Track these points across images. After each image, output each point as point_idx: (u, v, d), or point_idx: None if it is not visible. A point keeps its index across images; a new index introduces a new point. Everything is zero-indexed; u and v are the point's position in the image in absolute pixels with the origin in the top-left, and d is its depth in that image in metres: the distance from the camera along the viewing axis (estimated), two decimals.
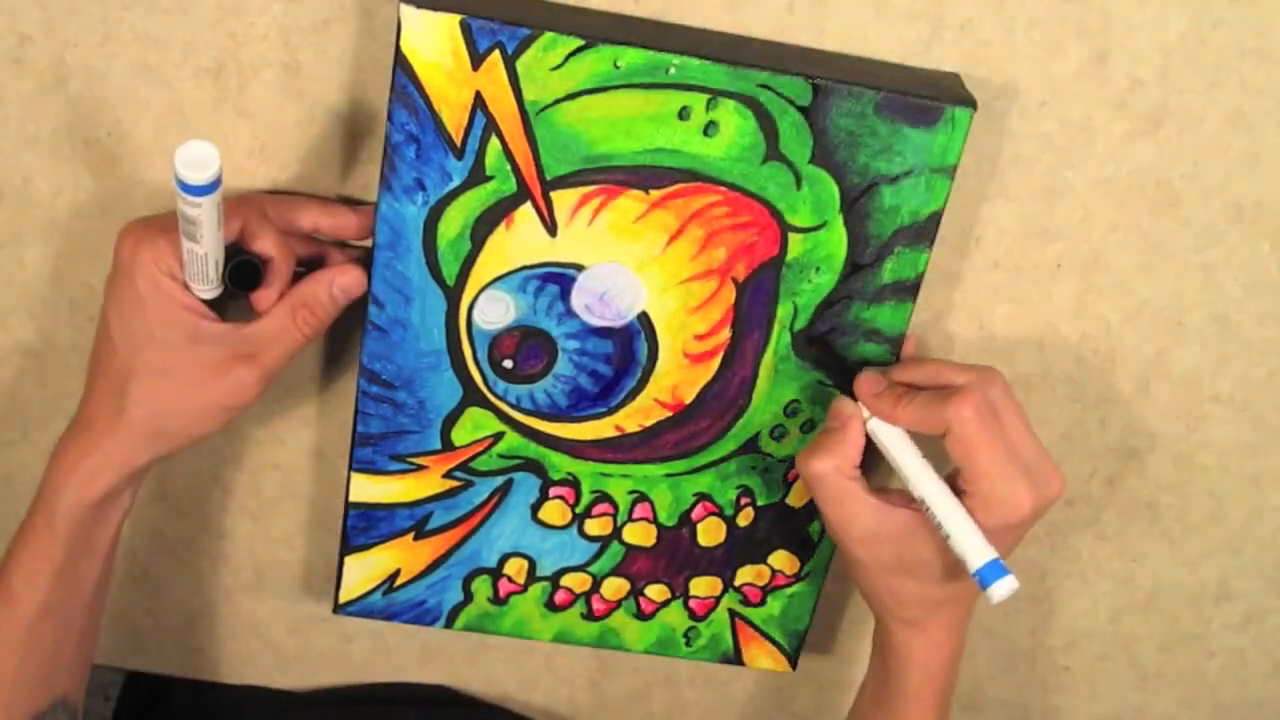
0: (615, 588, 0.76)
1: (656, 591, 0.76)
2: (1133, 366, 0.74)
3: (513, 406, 0.70)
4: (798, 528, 0.74)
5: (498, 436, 0.70)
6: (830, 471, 0.64)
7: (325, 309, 0.65)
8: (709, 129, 0.62)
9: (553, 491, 0.72)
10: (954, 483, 0.63)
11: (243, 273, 0.63)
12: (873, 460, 0.65)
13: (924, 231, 0.65)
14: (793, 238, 0.65)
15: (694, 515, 0.73)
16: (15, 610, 0.65)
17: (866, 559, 0.66)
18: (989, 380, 0.63)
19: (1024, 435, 0.62)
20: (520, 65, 0.60)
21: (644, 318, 0.67)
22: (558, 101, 0.61)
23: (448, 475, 0.72)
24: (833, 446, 0.65)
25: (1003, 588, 0.60)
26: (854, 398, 0.66)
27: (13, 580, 0.65)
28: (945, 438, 0.61)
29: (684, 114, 0.62)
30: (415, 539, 0.73)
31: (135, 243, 0.61)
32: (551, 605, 0.76)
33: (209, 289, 0.62)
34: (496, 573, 0.75)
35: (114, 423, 0.64)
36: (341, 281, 0.65)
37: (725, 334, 0.68)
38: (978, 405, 0.61)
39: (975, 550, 0.61)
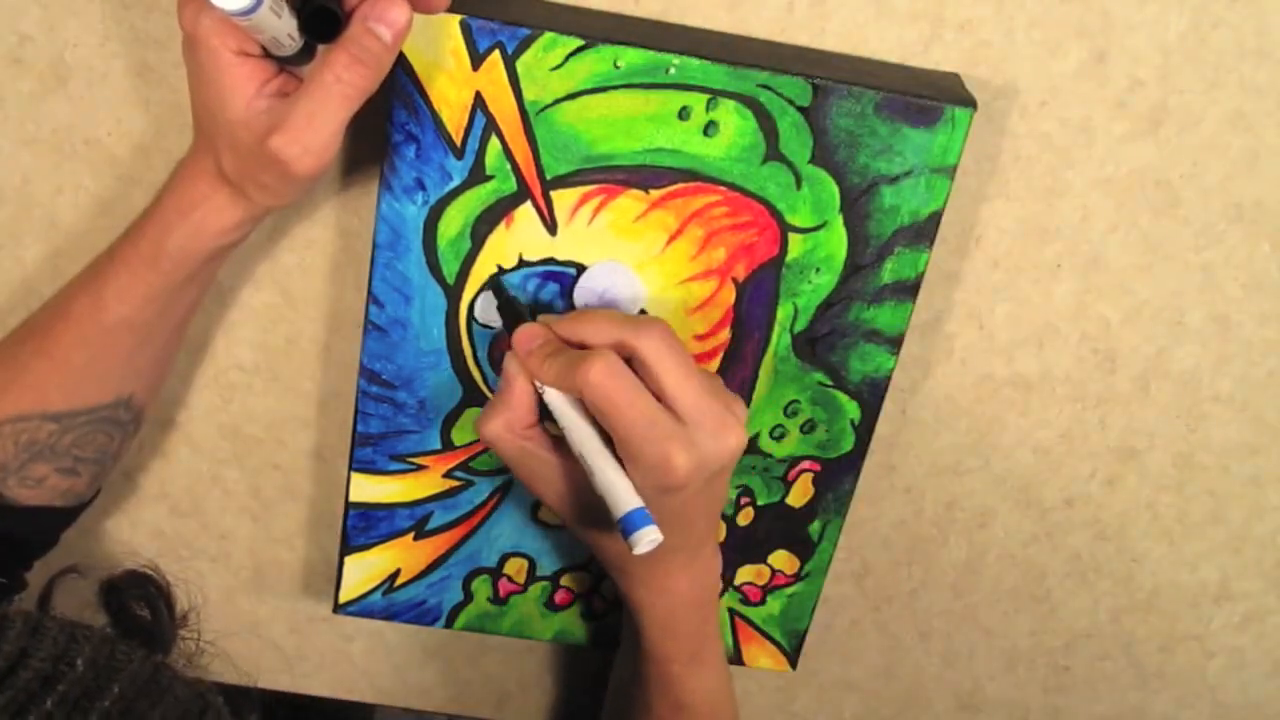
0: None
1: None
2: (1133, 366, 0.74)
3: None
4: (797, 527, 0.74)
5: None
6: (502, 432, 0.62)
7: (372, 54, 0.55)
8: (709, 129, 0.62)
9: None
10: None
11: (320, 21, 0.55)
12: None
13: (924, 232, 0.65)
14: (793, 238, 0.65)
15: None
16: (100, 315, 0.64)
17: (564, 513, 0.64)
18: (639, 337, 0.59)
19: (684, 391, 0.59)
20: (520, 65, 0.60)
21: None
22: (558, 101, 0.61)
23: (448, 475, 0.72)
24: (499, 406, 0.62)
25: (643, 539, 0.58)
26: None
27: (105, 291, 0.64)
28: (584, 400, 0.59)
29: (684, 114, 0.62)
30: (415, 539, 0.73)
31: (194, 13, 0.55)
32: (551, 605, 0.76)
33: (286, 48, 0.57)
34: (496, 572, 0.75)
35: (216, 180, 0.60)
36: (389, 15, 0.54)
37: (725, 334, 0.68)
38: (606, 367, 0.58)
39: (616, 501, 0.59)
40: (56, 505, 0.69)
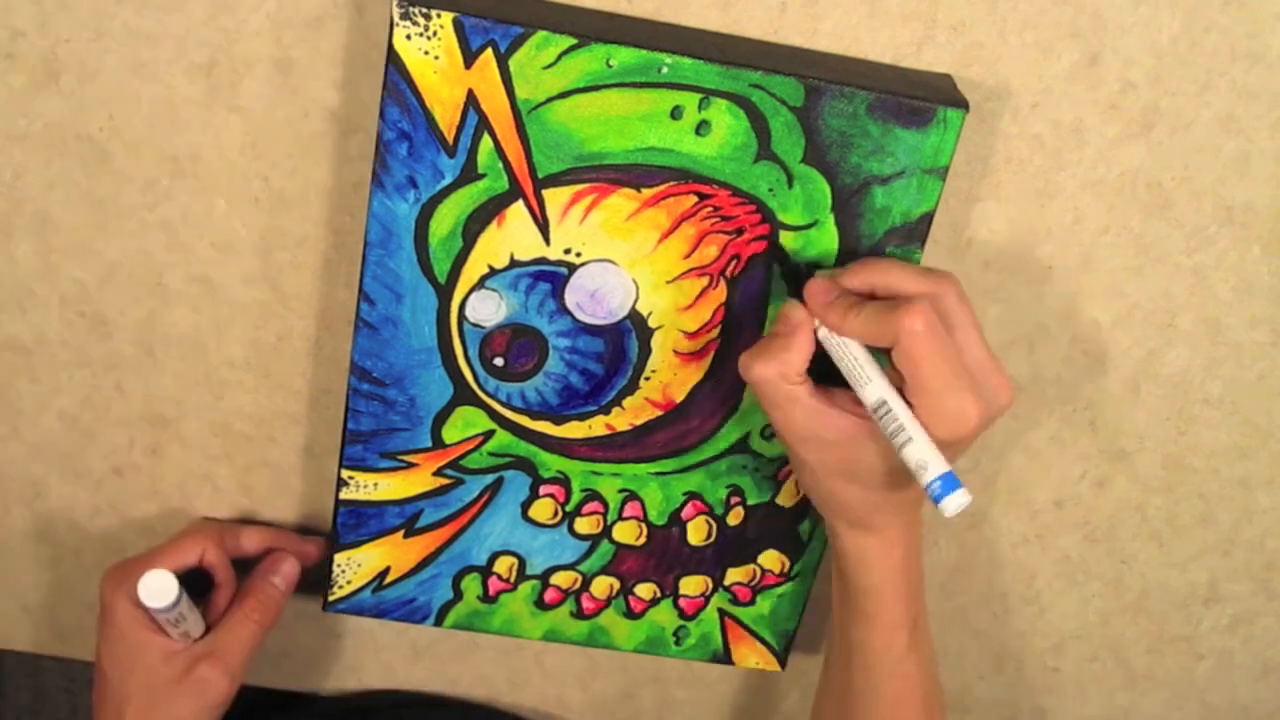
0: (605, 586, 0.76)
1: (646, 590, 0.76)
2: (1123, 368, 0.74)
3: (503, 404, 0.70)
4: (787, 527, 0.74)
5: (488, 434, 0.70)
6: (774, 377, 0.62)
7: (272, 599, 0.74)
8: (701, 128, 0.63)
9: (543, 490, 0.72)
10: (901, 393, 0.61)
11: (195, 581, 0.73)
12: (823, 368, 0.64)
13: (915, 232, 0.66)
14: (784, 236, 0.65)
15: (684, 514, 0.73)
16: None
17: (811, 461, 0.64)
18: (942, 289, 0.61)
19: (974, 345, 0.61)
20: (513, 63, 0.60)
21: (635, 316, 0.67)
22: (550, 100, 0.61)
23: (438, 473, 0.71)
24: (777, 351, 0.62)
25: (956, 500, 0.59)
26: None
27: None
28: (893, 351, 0.60)
29: (676, 113, 0.62)
30: (405, 536, 0.73)
31: (113, 587, 0.71)
32: (541, 604, 0.76)
33: (191, 637, 0.73)
34: (486, 571, 0.75)
35: None
36: (281, 570, 0.75)
37: (716, 333, 0.68)
38: (926, 319, 0.58)
39: (930, 461, 0.59)
40: None
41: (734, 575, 0.76)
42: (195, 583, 0.73)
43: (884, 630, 0.68)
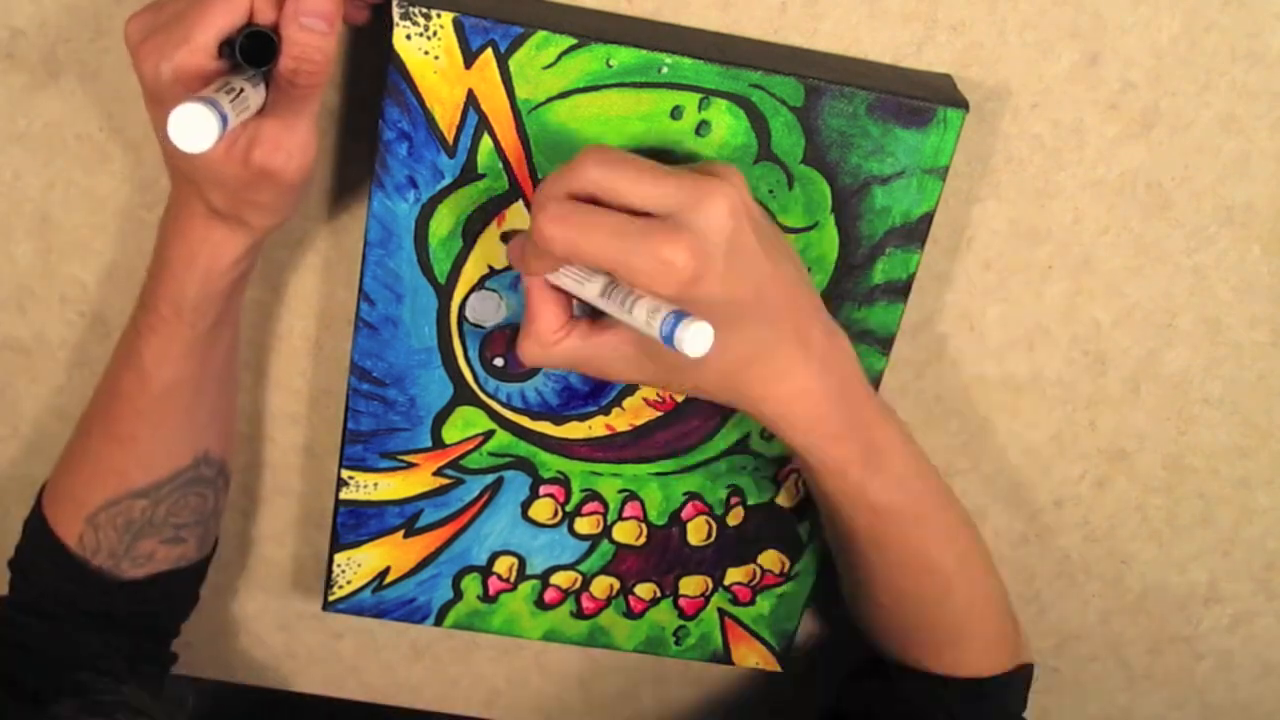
0: (605, 586, 0.76)
1: (646, 590, 0.76)
2: (1123, 368, 0.74)
3: (503, 405, 0.70)
4: (787, 527, 0.74)
5: (488, 435, 0.70)
6: (536, 347, 0.60)
7: (312, 47, 0.56)
8: (701, 128, 0.62)
9: (543, 490, 0.72)
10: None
11: (255, 46, 0.56)
12: None
13: (915, 232, 0.66)
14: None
15: (684, 514, 0.73)
16: (147, 386, 0.66)
17: (648, 379, 0.62)
18: (573, 174, 0.55)
19: (638, 189, 0.55)
20: (513, 63, 0.60)
21: None
22: (550, 100, 0.61)
23: (438, 473, 0.71)
24: (525, 324, 0.61)
25: (685, 333, 0.53)
26: None
27: (144, 361, 0.65)
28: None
29: (676, 113, 0.62)
30: (405, 536, 0.73)
31: (154, 65, 0.56)
32: (541, 603, 0.76)
33: (252, 110, 0.57)
34: (486, 571, 0.75)
35: (209, 219, 0.61)
36: (305, 7, 0.55)
37: None
38: (551, 213, 0.54)
39: (647, 321, 0.54)
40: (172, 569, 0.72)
41: (734, 575, 0.76)
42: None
43: (832, 475, 0.64)
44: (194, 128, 0.51)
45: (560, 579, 0.76)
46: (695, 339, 0.53)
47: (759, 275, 0.57)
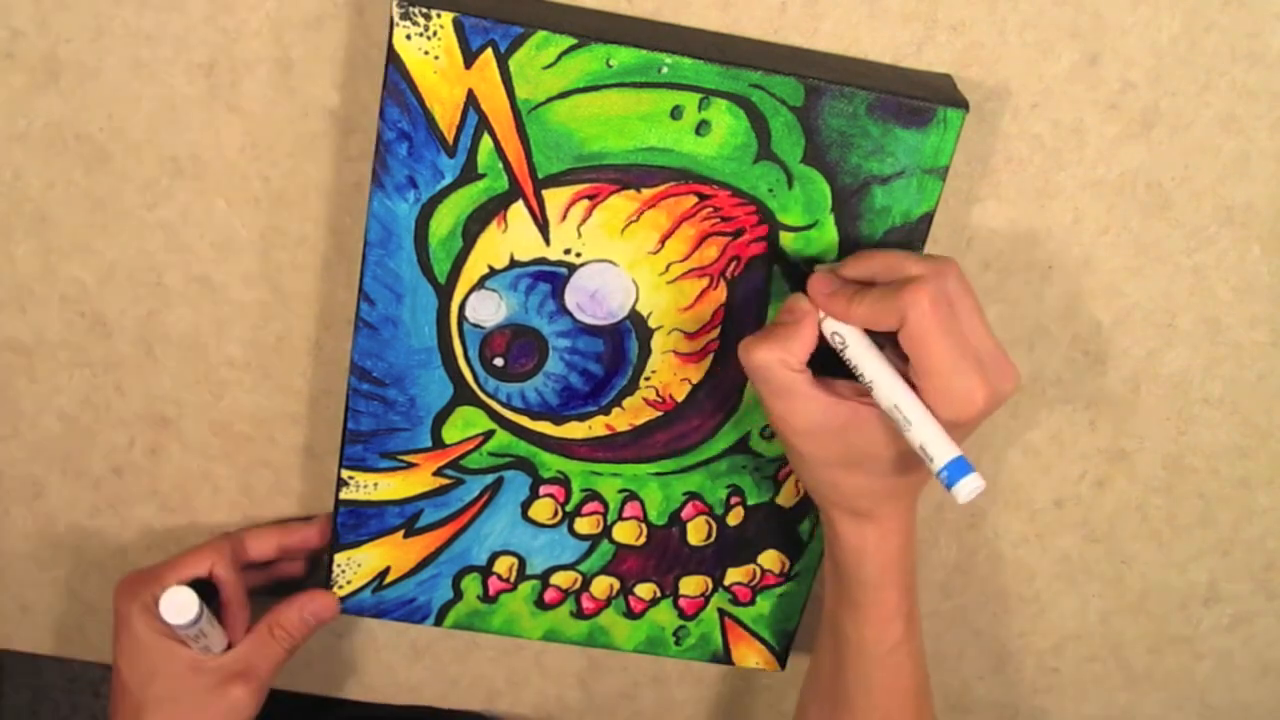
0: (605, 586, 0.76)
1: (646, 590, 0.76)
2: (1123, 368, 0.74)
3: (503, 405, 0.70)
4: (787, 527, 0.74)
5: (488, 435, 0.70)
6: (775, 364, 0.61)
7: (299, 629, 0.75)
8: (701, 128, 0.62)
9: (543, 490, 0.72)
10: (906, 378, 0.60)
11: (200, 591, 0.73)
12: (822, 360, 0.63)
13: (915, 232, 0.66)
14: (784, 237, 0.65)
15: (684, 514, 0.73)
16: None
17: (811, 452, 0.63)
18: (944, 271, 0.60)
19: (978, 328, 0.60)
20: (513, 63, 0.60)
21: (635, 316, 0.67)
22: (550, 100, 0.61)
23: (438, 473, 0.71)
24: (781, 339, 0.62)
25: (968, 486, 0.58)
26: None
27: None
28: (899, 332, 0.59)
29: (676, 113, 0.62)
30: (405, 536, 0.73)
31: (127, 599, 0.72)
32: (541, 603, 0.76)
33: (214, 651, 0.74)
34: (486, 571, 0.75)
35: None
36: (312, 608, 0.75)
37: (716, 334, 0.68)
38: (933, 296, 0.58)
39: (940, 447, 0.58)
40: None
41: (734, 575, 0.76)
42: (200, 593, 0.73)
43: (878, 622, 0.67)
44: (181, 603, 0.69)
45: (560, 579, 0.76)
46: (968, 490, 0.58)
47: None
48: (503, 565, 0.75)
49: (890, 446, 0.62)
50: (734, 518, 0.74)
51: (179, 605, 0.70)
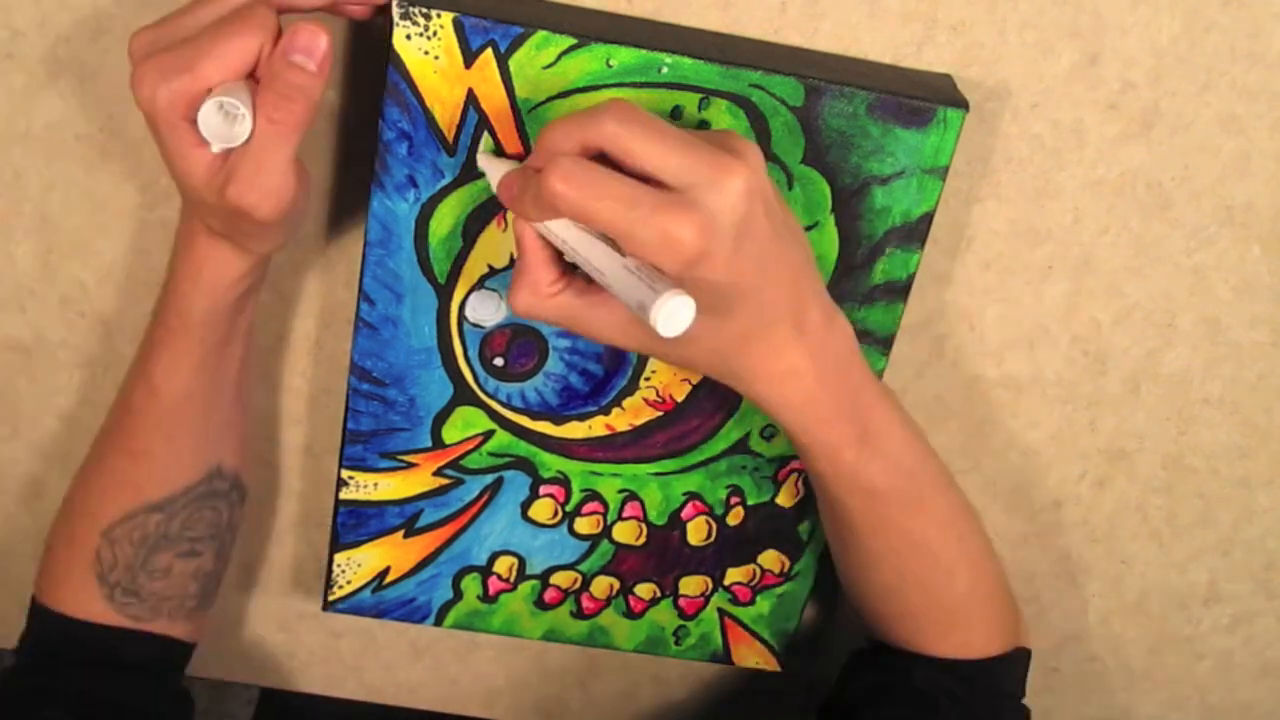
0: (605, 586, 0.76)
1: (646, 590, 0.76)
2: (1123, 368, 0.74)
3: (503, 405, 0.70)
4: (787, 527, 0.74)
5: (488, 434, 0.70)
6: (531, 299, 0.58)
7: (296, 88, 0.55)
8: (701, 128, 0.62)
9: (543, 490, 0.72)
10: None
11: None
12: None
13: (915, 232, 0.66)
14: None
15: (684, 514, 0.73)
16: (158, 399, 0.66)
17: (637, 347, 0.60)
18: (591, 127, 0.53)
19: (657, 156, 0.53)
20: (513, 63, 0.60)
21: None
22: (550, 100, 0.61)
23: (438, 473, 0.71)
24: (519, 274, 0.58)
25: (661, 310, 0.52)
26: None
27: (154, 375, 0.66)
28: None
29: (676, 113, 0.62)
30: (405, 536, 0.73)
31: (150, 89, 0.55)
32: (541, 603, 0.76)
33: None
34: (486, 570, 0.75)
35: (212, 237, 0.61)
36: (300, 44, 0.55)
37: None
38: (562, 170, 0.52)
39: (629, 295, 0.53)
40: (177, 635, 0.74)
41: (734, 575, 0.76)
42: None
43: (827, 457, 0.63)
44: (225, 132, 0.54)
45: (560, 579, 0.76)
46: (672, 318, 0.52)
47: (764, 259, 0.56)
48: (503, 565, 0.75)
49: None
50: (734, 518, 0.74)
51: (225, 130, 0.55)
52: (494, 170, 0.61)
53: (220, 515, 0.72)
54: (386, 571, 0.74)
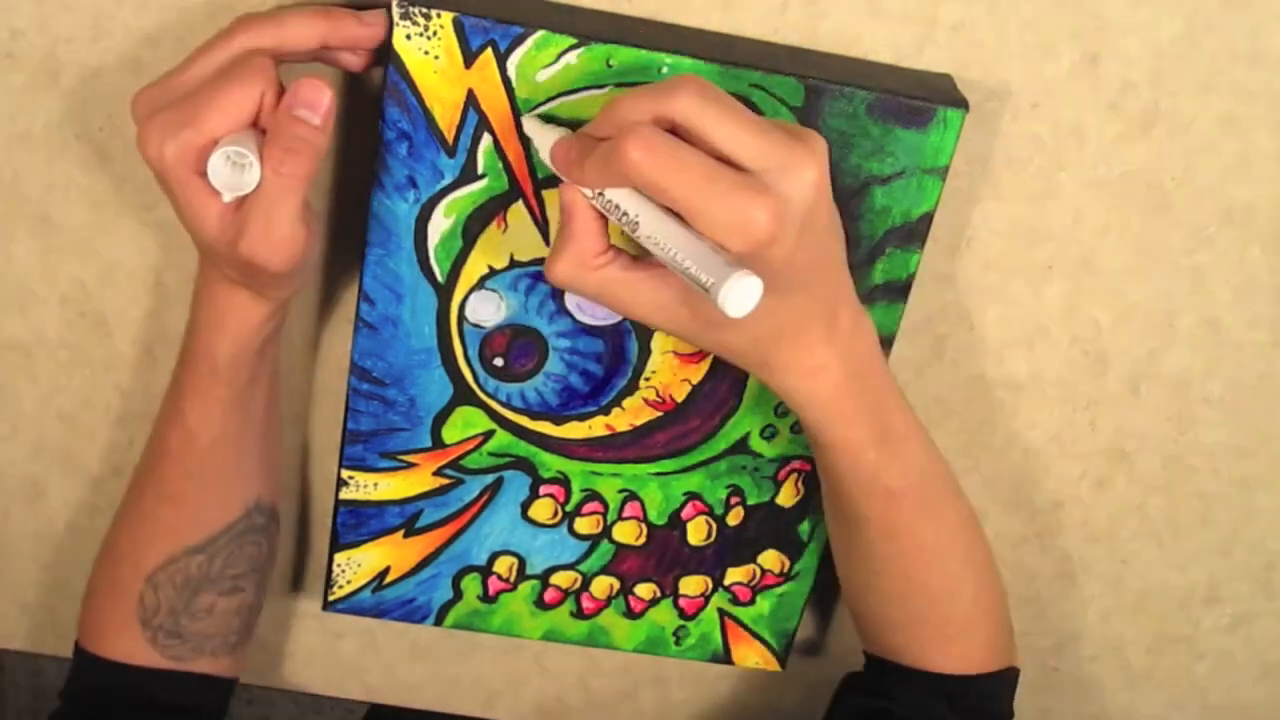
0: (605, 586, 0.76)
1: (646, 590, 0.76)
2: (1123, 368, 0.74)
3: (503, 405, 0.70)
4: (787, 527, 0.74)
5: (488, 435, 0.70)
6: (574, 269, 0.57)
7: (303, 140, 0.56)
8: None
9: (543, 490, 0.72)
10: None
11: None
12: None
13: (915, 232, 0.66)
14: None
15: (684, 514, 0.73)
16: (193, 444, 0.67)
17: (675, 329, 0.60)
18: (668, 99, 0.53)
19: (737, 137, 0.53)
20: (513, 63, 0.60)
21: None
22: (550, 100, 0.61)
23: (438, 473, 0.71)
24: (563, 241, 0.58)
25: (733, 289, 0.51)
26: None
27: (188, 418, 0.66)
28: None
29: None
30: (405, 536, 0.73)
31: (158, 145, 0.56)
32: (541, 603, 0.76)
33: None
34: (486, 570, 0.75)
35: (232, 285, 0.61)
36: (304, 98, 0.56)
37: None
38: (642, 139, 0.52)
39: (702, 267, 0.52)
40: (222, 675, 0.74)
41: (734, 575, 0.76)
42: None
43: (848, 456, 0.63)
44: (233, 181, 0.55)
45: (560, 579, 0.76)
46: (741, 298, 0.52)
47: (820, 252, 0.57)
48: (503, 565, 0.75)
49: None
50: (734, 518, 0.74)
51: (235, 179, 0.55)
52: (543, 135, 0.60)
53: (261, 549, 0.72)
54: (386, 571, 0.74)
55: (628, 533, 0.74)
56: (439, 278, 0.66)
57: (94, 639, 0.72)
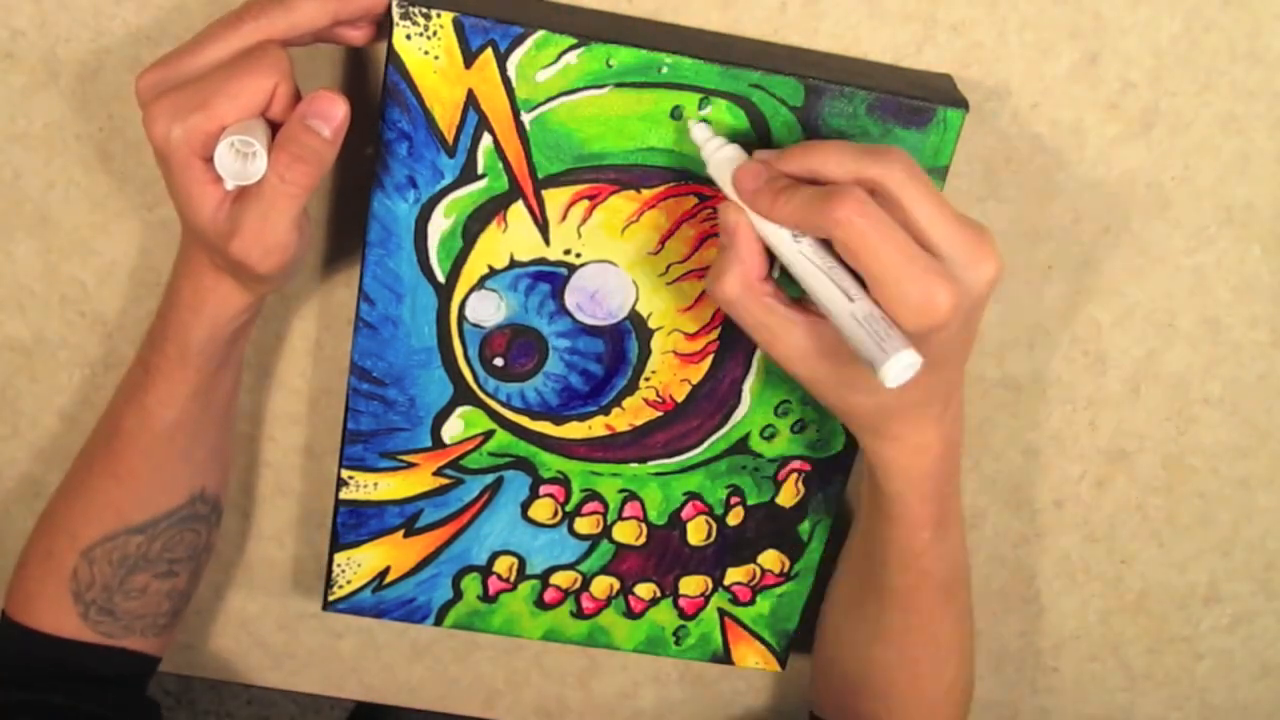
0: (605, 586, 0.76)
1: (646, 590, 0.76)
2: (1123, 368, 0.74)
3: (503, 405, 0.70)
4: (787, 527, 0.74)
5: (488, 434, 0.70)
6: (740, 290, 0.58)
7: (312, 151, 0.56)
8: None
9: (543, 490, 0.72)
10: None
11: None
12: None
13: None
14: None
15: (684, 514, 0.73)
16: (150, 425, 0.66)
17: (809, 376, 0.60)
18: (883, 168, 0.54)
19: (935, 221, 0.54)
20: (513, 63, 0.60)
21: (635, 317, 0.67)
22: (550, 100, 0.61)
23: (438, 473, 0.71)
24: (729, 261, 0.58)
25: (898, 364, 0.52)
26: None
27: (148, 401, 0.66)
28: (833, 243, 0.55)
29: (676, 113, 0.62)
30: (405, 536, 0.73)
31: (165, 128, 0.56)
32: (541, 603, 0.76)
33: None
34: (486, 570, 0.75)
35: (216, 271, 0.61)
36: (319, 110, 0.56)
37: (716, 334, 0.68)
38: (858, 204, 0.53)
39: (862, 328, 0.54)
40: (146, 651, 0.74)
41: (734, 575, 0.76)
42: None
43: (906, 530, 0.65)
44: (239, 170, 0.55)
45: (560, 579, 0.76)
46: (901, 373, 0.53)
47: (968, 344, 0.59)
48: (503, 565, 0.75)
49: None
50: (734, 518, 0.74)
51: (240, 168, 0.55)
52: (717, 151, 0.60)
53: (200, 538, 0.72)
54: (386, 571, 0.74)
55: (628, 533, 0.74)
56: (439, 278, 0.66)
57: (23, 609, 0.71)
